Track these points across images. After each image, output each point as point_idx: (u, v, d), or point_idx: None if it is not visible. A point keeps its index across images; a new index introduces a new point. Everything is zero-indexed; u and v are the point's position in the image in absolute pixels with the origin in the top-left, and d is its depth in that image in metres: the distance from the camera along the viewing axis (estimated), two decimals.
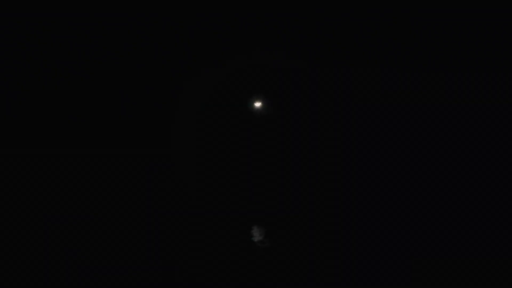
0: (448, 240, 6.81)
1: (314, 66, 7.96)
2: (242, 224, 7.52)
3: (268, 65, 8.03)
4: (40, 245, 6.20)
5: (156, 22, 7.36)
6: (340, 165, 7.91)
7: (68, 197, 6.47)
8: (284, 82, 8.12)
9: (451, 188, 7.30)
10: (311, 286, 5.87)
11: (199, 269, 6.15)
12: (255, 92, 8.10)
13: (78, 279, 5.89)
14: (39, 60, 6.86)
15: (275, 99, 8.18)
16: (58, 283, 5.88)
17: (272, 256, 6.68)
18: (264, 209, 7.96)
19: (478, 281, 5.83)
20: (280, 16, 7.73)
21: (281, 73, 8.10)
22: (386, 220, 7.35)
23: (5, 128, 6.60)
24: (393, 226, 7.22)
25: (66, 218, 6.37)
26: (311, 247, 7.08)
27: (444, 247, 6.72)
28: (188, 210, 7.11)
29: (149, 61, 7.36)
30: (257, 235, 7.32)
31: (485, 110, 7.29)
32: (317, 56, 7.95)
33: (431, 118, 7.52)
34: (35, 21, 6.82)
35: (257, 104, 8.13)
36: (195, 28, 7.57)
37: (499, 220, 6.93)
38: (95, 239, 6.37)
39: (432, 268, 6.18)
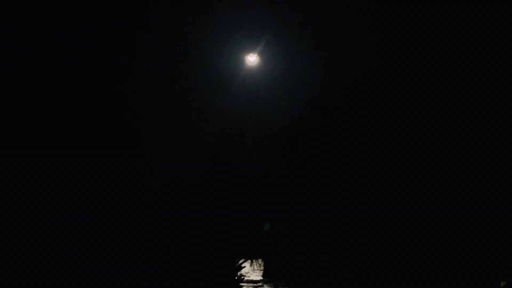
0: (448, 240, 6.82)
1: (314, 66, 7.97)
2: (243, 224, 7.52)
3: (268, 64, 8.03)
4: (40, 245, 6.20)
5: (155, 22, 7.37)
6: (340, 164, 7.92)
7: (68, 197, 6.46)
8: (284, 83, 8.13)
9: (451, 187, 7.30)
10: (312, 286, 5.87)
11: (199, 269, 6.15)
12: (255, 91, 8.11)
13: (78, 279, 5.89)
14: (39, 60, 6.86)
15: (276, 99, 8.18)
16: (58, 283, 5.88)
17: (272, 256, 6.69)
18: (265, 208, 7.96)
19: (478, 281, 5.83)
20: (279, 16, 7.74)
21: (282, 73, 8.11)
22: (387, 219, 7.35)
23: (5, 128, 6.60)
24: (394, 226, 7.23)
25: (66, 218, 6.37)
26: (312, 247, 7.08)
27: (443, 245, 6.72)
28: (188, 210, 7.11)
29: (148, 61, 7.36)
30: (258, 236, 7.31)
31: (485, 109, 7.30)
32: (318, 55, 7.96)
33: (430, 118, 7.53)
34: (35, 21, 6.83)
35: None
36: (194, 27, 7.58)
37: (499, 219, 6.93)
38: (95, 239, 6.37)
39: (431, 268, 6.18)
